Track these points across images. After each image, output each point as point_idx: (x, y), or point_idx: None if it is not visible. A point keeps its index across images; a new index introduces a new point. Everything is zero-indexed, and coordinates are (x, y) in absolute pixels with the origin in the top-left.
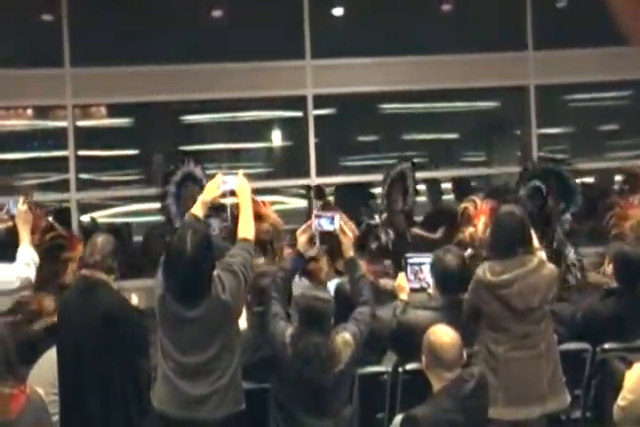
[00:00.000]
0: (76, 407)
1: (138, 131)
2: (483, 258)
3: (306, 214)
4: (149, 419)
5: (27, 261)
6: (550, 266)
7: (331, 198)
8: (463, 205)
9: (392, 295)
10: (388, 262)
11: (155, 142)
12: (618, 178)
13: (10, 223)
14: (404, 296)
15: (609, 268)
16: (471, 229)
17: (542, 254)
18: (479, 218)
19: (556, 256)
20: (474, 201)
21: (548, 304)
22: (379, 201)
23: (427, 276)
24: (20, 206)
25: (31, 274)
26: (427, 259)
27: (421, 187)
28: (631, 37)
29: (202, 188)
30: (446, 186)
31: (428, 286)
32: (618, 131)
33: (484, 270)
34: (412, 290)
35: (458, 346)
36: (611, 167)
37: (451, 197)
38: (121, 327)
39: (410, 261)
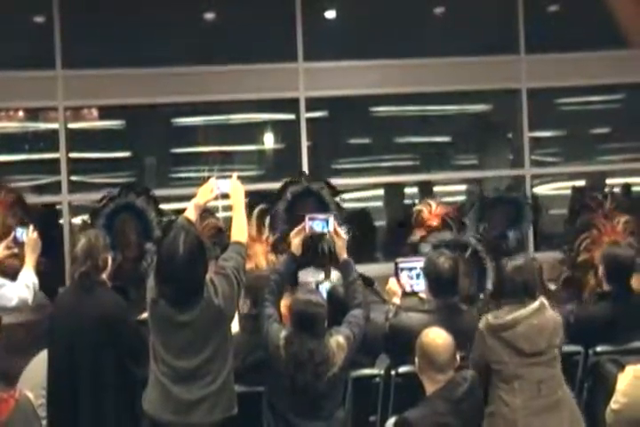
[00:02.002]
0: (65, 410)
1: (130, 133)
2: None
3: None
4: (141, 423)
5: (27, 283)
6: (551, 311)
7: None
8: (418, 208)
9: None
10: None
11: (147, 145)
12: (609, 181)
13: (15, 250)
14: (395, 300)
15: (600, 270)
16: (423, 233)
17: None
18: (432, 222)
19: None
20: (429, 204)
21: (556, 348)
22: None
23: (411, 280)
24: (29, 234)
25: (29, 296)
26: (417, 263)
27: (414, 190)
28: (630, 38)
29: (142, 219)
30: (438, 189)
31: (413, 291)
32: (609, 134)
33: (486, 319)
34: (404, 294)
35: (450, 348)
36: (602, 170)
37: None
38: (117, 328)
39: (400, 265)
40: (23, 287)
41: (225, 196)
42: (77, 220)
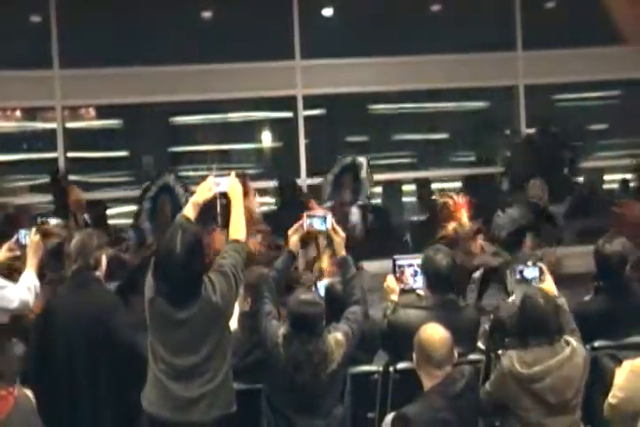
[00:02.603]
0: (63, 407)
1: (127, 132)
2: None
3: None
4: (140, 421)
5: (29, 285)
6: (581, 352)
7: None
8: (442, 201)
9: None
10: None
11: (144, 144)
12: (606, 177)
13: (17, 253)
14: (393, 297)
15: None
16: (454, 224)
17: (573, 341)
18: (460, 212)
19: None
20: (451, 196)
21: (581, 393)
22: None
23: (408, 277)
24: (32, 236)
25: (30, 299)
26: (414, 260)
27: (411, 187)
28: (626, 35)
29: (173, 197)
30: (436, 185)
31: (411, 288)
32: (606, 130)
33: (511, 361)
34: (402, 291)
35: (448, 344)
36: (599, 166)
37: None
38: (110, 325)
39: (398, 262)
40: (24, 289)
41: (223, 194)
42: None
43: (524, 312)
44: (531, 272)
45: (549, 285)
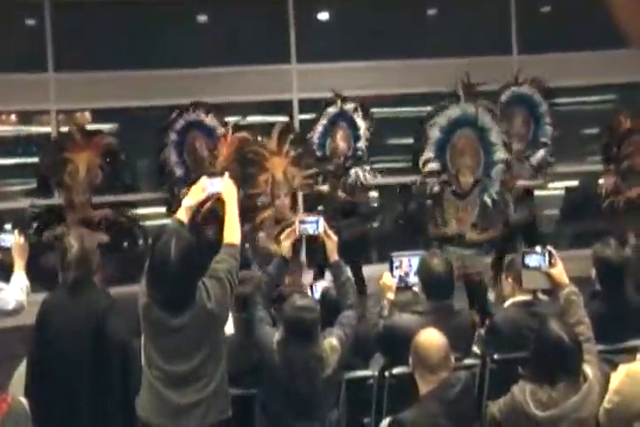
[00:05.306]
0: (58, 412)
1: (122, 136)
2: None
3: None
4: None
5: (21, 286)
6: (597, 382)
7: None
8: None
9: None
10: None
11: (140, 148)
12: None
13: None
14: (390, 295)
15: (592, 271)
16: None
17: (589, 371)
18: None
19: None
20: None
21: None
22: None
23: (405, 274)
24: (15, 239)
25: (24, 299)
26: (411, 257)
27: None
28: (630, 37)
29: (212, 137)
30: None
31: (406, 285)
32: (601, 134)
33: (524, 397)
34: (398, 288)
35: (444, 349)
36: (595, 170)
37: None
38: (107, 329)
39: (395, 259)
40: (18, 290)
41: (217, 196)
42: None
43: (543, 346)
44: (536, 259)
45: (560, 270)
